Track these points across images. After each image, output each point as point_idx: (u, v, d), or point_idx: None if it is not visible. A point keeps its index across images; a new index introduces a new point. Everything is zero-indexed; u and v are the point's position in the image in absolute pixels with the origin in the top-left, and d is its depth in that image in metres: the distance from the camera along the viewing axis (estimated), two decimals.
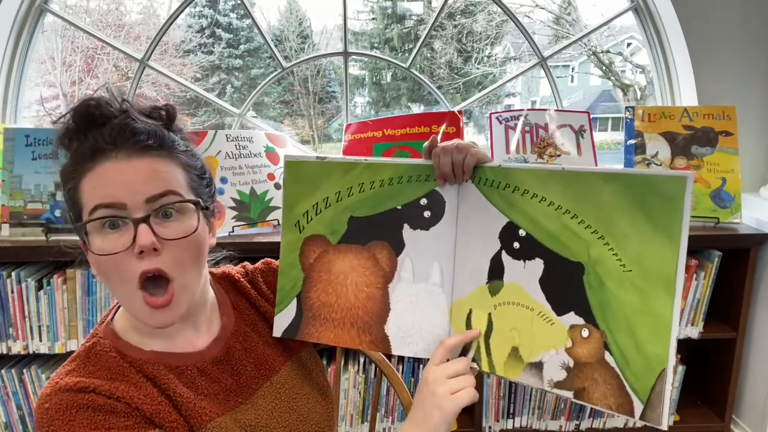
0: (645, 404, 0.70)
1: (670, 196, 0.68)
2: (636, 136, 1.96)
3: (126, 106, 0.72)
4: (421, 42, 2.34)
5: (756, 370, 1.95)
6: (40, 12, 2.13)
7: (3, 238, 1.75)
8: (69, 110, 0.72)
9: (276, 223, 1.87)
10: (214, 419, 0.75)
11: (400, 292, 0.84)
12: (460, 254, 0.83)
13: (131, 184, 0.68)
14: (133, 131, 0.70)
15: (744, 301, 1.84)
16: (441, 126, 2.03)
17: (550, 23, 7.05)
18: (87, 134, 0.70)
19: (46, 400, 0.68)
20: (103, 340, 0.75)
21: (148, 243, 0.67)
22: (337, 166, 0.84)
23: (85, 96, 0.71)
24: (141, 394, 0.71)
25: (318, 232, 0.86)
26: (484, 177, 0.80)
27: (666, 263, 0.68)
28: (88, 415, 0.67)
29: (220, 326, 0.83)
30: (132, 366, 0.73)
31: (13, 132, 1.79)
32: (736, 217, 1.86)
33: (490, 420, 1.97)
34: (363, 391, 1.88)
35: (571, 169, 0.74)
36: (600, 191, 0.72)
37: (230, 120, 2.35)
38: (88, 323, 1.77)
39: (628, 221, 0.70)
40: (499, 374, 0.80)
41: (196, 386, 0.76)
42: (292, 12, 7.35)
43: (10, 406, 1.83)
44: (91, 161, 0.69)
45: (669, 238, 0.68)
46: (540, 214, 0.76)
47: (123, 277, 0.69)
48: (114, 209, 0.68)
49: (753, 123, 2.11)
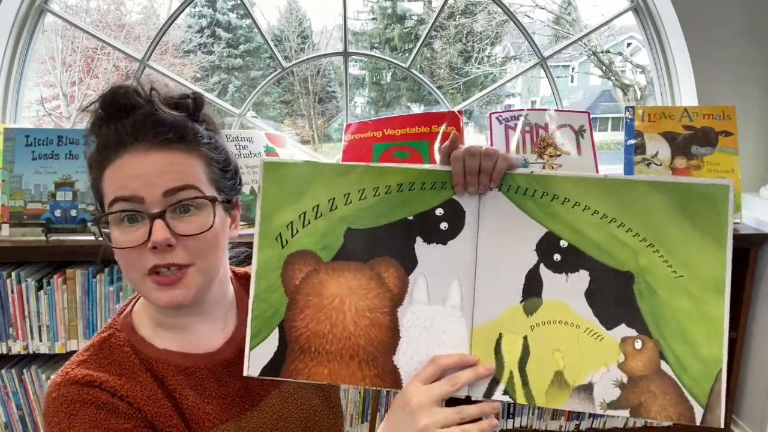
0: (705, 408, 0.69)
1: (714, 202, 0.70)
2: (636, 136, 1.96)
3: (154, 95, 0.71)
4: (421, 42, 2.34)
5: (756, 370, 1.95)
6: (40, 12, 2.13)
7: (3, 238, 1.75)
8: (98, 97, 0.71)
9: None
10: (217, 426, 0.74)
11: (412, 316, 0.73)
12: (483, 271, 0.73)
13: (149, 177, 0.68)
14: (156, 123, 0.70)
15: (744, 301, 1.84)
16: (441, 126, 2.03)
17: (550, 23, 7.05)
18: (112, 123, 0.70)
19: (55, 389, 0.70)
20: (119, 333, 0.75)
21: (162, 240, 0.66)
22: (330, 167, 0.74)
23: (115, 83, 0.71)
24: (145, 395, 0.71)
25: (305, 247, 0.73)
26: (515, 185, 0.73)
27: (716, 266, 0.70)
28: (90, 412, 0.68)
29: (234, 326, 0.81)
30: (142, 363, 0.73)
31: (13, 132, 1.79)
32: (736, 217, 1.87)
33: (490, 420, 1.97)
34: (363, 391, 1.87)
35: (615, 176, 0.72)
36: (645, 199, 0.71)
37: (230, 120, 2.35)
38: (88, 323, 1.77)
39: (676, 228, 0.70)
40: (541, 404, 0.72)
41: (204, 389, 0.76)
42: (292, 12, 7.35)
43: (10, 406, 1.83)
44: (113, 152, 0.69)
45: (716, 242, 0.70)
46: (583, 223, 0.72)
47: (134, 267, 0.70)
48: (132, 203, 0.68)
49: (753, 123, 2.11)
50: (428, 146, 2.01)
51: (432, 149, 2.01)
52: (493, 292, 0.73)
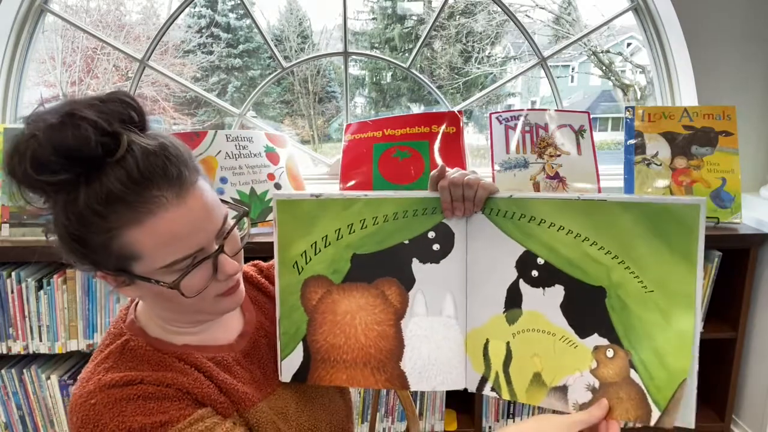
0: (662, 411, 0.74)
1: (685, 222, 0.71)
2: (636, 136, 1.96)
3: (118, 128, 0.61)
4: (421, 42, 2.33)
5: (756, 370, 1.95)
6: (40, 12, 2.13)
7: (3, 238, 1.75)
8: (42, 154, 0.59)
9: None
10: (256, 404, 0.76)
11: (414, 327, 0.83)
12: (472, 285, 0.82)
13: (199, 228, 0.66)
14: (163, 162, 0.62)
15: (744, 301, 1.84)
16: (441, 126, 2.03)
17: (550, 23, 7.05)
18: (111, 175, 0.60)
19: (91, 397, 0.66)
20: (134, 338, 0.73)
21: (235, 271, 0.70)
22: (335, 202, 0.81)
23: (57, 138, 0.58)
24: (189, 379, 0.70)
25: (319, 272, 0.83)
26: (495, 208, 0.80)
27: (686, 283, 0.72)
28: (140, 404, 0.65)
29: (243, 322, 0.84)
30: (172, 356, 0.73)
31: (13, 132, 1.79)
32: (736, 217, 1.86)
33: (490, 420, 1.97)
34: (363, 391, 1.88)
35: (587, 197, 0.75)
36: (618, 219, 0.74)
37: (230, 120, 2.35)
38: (88, 323, 1.77)
39: (647, 246, 0.73)
40: (522, 401, 0.81)
41: (235, 374, 0.77)
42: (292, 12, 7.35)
43: (10, 406, 1.83)
44: (133, 211, 0.61)
45: (687, 259, 0.71)
46: (558, 242, 0.77)
47: (205, 298, 0.70)
48: (194, 256, 0.66)
49: (753, 123, 2.11)
50: (428, 146, 2.01)
51: (432, 149, 2.01)
52: (481, 303, 0.82)
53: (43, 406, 1.83)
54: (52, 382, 1.81)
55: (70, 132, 0.58)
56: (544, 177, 1.97)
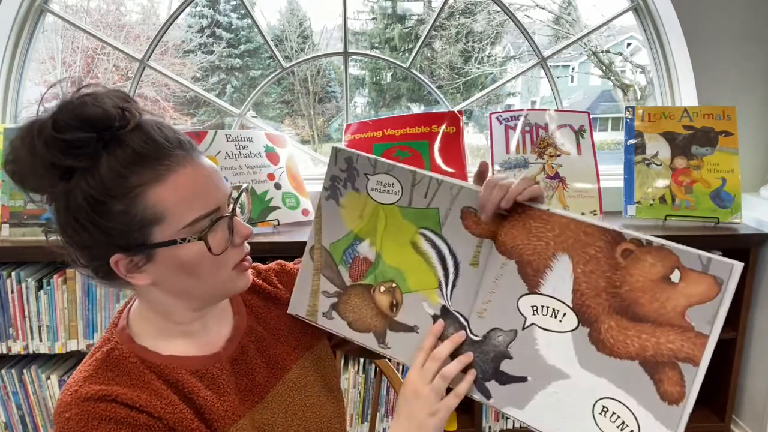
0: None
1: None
2: (636, 136, 1.96)
3: (128, 104, 0.67)
4: (421, 42, 2.33)
5: (756, 370, 1.95)
6: (40, 12, 2.13)
7: (3, 238, 1.75)
8: (78, 122, 0.63)
9: (276, 222, 1.87)
10: (237, 422, 0.75)
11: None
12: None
13: (215, 186, 0.71)
14: (173, 134, 0.69)
15: (744, 301, 1.84)
16: (441, 126, 2.03)
17: (550, 23, 7.05)
18: (112, 143, 0.64)
19: (67, 409, 0.67)
20: (120, 346, 0.73)
21: (250, 231, 0.74)
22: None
23: (79, 109, 0.64)
24: (163, 403, 0.70)
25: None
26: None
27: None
28: (110, 428, 0.65)
29: (232, 325, 0.83)
30: (152, 371, 0.72)
31: (13, 132, 1.78)
32: (736, 217, 1.87)
33: (490, 420, 1.97)
34: (363, 391, 1.88)
35: (632, 236, 0.69)
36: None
37: (230, 120, 2.35)
38: (88, 323, 1.77)
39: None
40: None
41: (218, 387, 0.76)
42: (293, 12, 7.35)
43: (10, 406, 1.83)
44: (154, 170, 0.65)
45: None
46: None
47: (224, 265, 0.72)
48: (212, 215, 0.70)
49: (753, 123, 2.11)
50: (428, 146, 2.01)
51: (432, 149, 2.01)
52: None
53: (43, 406, 1.83)
54: (52, 382, 1.81)
55: (90, 101, 0.64)
56: (544, 177, 1.97)
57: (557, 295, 0.73)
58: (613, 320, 0.70)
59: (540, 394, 0.74)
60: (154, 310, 0.76)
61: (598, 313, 0.71)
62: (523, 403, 0.75)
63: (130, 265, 0.69)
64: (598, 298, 0.71)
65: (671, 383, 0.67)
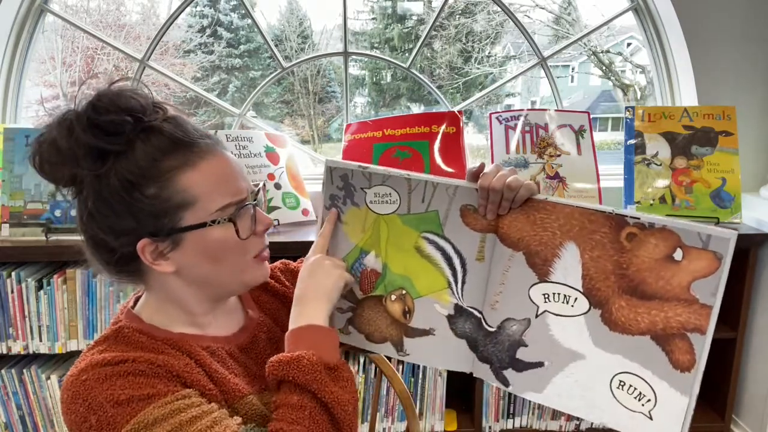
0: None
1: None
2: (636, 136, 1.96)
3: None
4: (421, 42, 2.33)
5: (756, 370, 1.95)
6: (40, 12, 2.13)
7: (3, 238, 1.75)
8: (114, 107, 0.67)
9: (276, 222, 1.87)
10: (246, 396, 0.76)
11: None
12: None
13: (242, 175, 0.74)
14: (200, 127, 0.74)
15: (744, 301, 1.84)
16: (441, 126, 2.03)
17: (550, 23, 7.05)
18: (147, 131, 0.68)
19: (82, 374, 0.66)
20: (129, 324, 0.74)
21: (271, 222, 0.77)
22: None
23: (116, 99, 0.68)
24: (180, 363, 0.71)
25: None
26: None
27: None
28: (129, 380, 0.66)
29: (245, 317, 0.86)
30: (165, 343, 0.73)
31: (13, 132, 1.79)
32: (736, 217, 1.86)
33: (490, 420, 1.97)
34: (363, 391, 1.88)
35: (621, 212, 0.73)
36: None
37: (230, 120, 2.35)
38: (88, 323, 1.77)
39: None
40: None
41: (226, 365, 0.77)
42: (293, 12, 7.34)
43: (10, 406, 1.83)
44: (187, 156, 0.69)
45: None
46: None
47: (247, 252, 0.75)
48: (240, 203, 0.73)
49: (753, 123, 2.11)
50: (428, 146, 2.01)
51: (432, 149, 2.01)
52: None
53: (43, 406, 1.83)
54: (52, 382, 1.81)
55: (127, 92, 0.68)
56: (544, 177, 1.97)
57: (568, 282, 0.76)
58: (623, 300, 0.73)
59: (558, 377, 0.78)
60: (170, 300, 0.76)
61: (608, 294, 0.74)
62: (542, 387, 0.79)
63: (155, 252, 0.70)
64: (607, 281, 0.74)
65: (682, 352, 0.72)
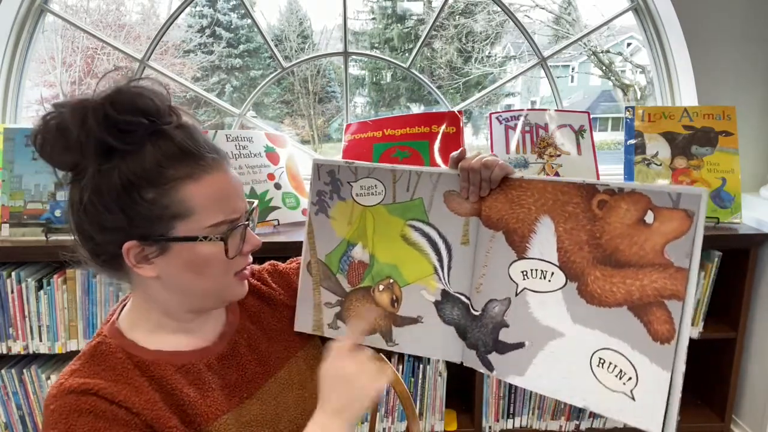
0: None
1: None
2: (636, 136, 1.96)
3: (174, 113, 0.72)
4: (421, 42, 2.33)
5: (756, 370, 1.95)
6: (40, 12, 2.13)
7: (3, 238, 1.75)
8: (134, 109, 0.67)
9: (276, 222, 1.87)
10: (219, 417, 0.75)
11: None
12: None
13: (240, 195, 0.75)
14: (209, 139, 0.73)
15: (744, 301, 1.84)
16: (441, 126, 2.03)
17: (550, 23, 7.05)
18: (175, 136, 0.69)
19: (52, 401, 0.69)
20: (108, 340, 0.75)
21: (259, 242, 0.77)
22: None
23: (132, 98, 0.67)
24: (142, 400, 0.70)
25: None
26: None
27: None
28: (89, 421, 0.67)
29: (225, 322, 0.84)
30: (137, 367, 0.73)
31: (13, 132, 1.79)
32: (736, 217, 1.86)
33: (490, 420, 1.97)
34: None
35: (592, 182, 0.74)
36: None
37: (230, 120, 2.35)
38: (88, 323, 1.77)
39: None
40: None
41: (203, 383, 0.77)
42: (293, 12, 7.34)
43: (10, 406, 1.83)
44: (192, 168, 0.69)
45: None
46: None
47: (230, 270, 0.75)
48: (234, 221, 0.73)
49: (753, 123, 2.11)
50: (428, 146, 2.01)
51: (432, 149, 2.01)
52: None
53: (43, 407, 1.83)
54: (51, 382, 1.81)
55: (145, 93, 0.68)
56: None
57: (544, 257, 0.76)
58: (598, 270, 0.72)
59: (538, 357, 0.77)
60: (152, 303, 0.76)
61: (584, 266, 0.73)
62: (524, 370, 0.77)
63: (140, 256, 0.70)
64: (582, 252, 0.73)
65: (660, 322, 0.68)
